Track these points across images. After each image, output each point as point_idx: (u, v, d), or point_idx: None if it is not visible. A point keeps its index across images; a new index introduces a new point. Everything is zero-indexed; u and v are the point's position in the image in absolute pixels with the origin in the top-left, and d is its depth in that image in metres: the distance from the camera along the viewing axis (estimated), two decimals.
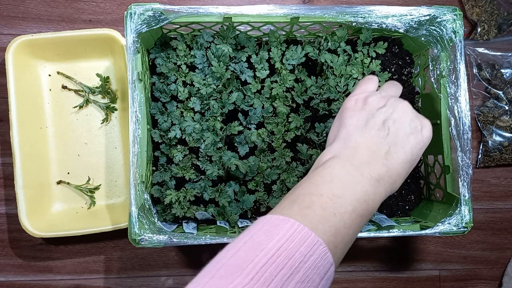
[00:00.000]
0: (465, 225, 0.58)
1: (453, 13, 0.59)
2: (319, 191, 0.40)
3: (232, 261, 0.33)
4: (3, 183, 0.73)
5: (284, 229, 0.36)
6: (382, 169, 0.43)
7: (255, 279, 0.32)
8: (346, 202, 0.39)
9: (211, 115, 0.62)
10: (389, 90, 0.51)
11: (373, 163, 0.43)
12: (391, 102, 0.47)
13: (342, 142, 0.45)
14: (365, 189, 0.41)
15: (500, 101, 0.78)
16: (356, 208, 0.40)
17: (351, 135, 0.45)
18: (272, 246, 0.34)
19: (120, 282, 0.74)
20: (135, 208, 0.55)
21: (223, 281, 0.32)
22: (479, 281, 0.79)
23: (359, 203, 0.40)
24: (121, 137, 0.73)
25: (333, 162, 0.43)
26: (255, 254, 0.33)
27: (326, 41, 0.64)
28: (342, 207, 0.39)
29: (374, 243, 0.77)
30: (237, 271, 0.32)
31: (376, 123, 0.45)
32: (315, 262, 0.35)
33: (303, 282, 0.34)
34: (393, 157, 0.44)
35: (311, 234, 0.36)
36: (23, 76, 0.69)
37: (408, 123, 0.46)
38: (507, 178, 0.79)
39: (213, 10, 0.57)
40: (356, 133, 0.45)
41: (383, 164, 0.43)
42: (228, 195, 0.62)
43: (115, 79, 0.74)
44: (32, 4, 0.74)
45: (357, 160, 0.43)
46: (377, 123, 0.45)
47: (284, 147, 0.64)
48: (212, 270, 0.33)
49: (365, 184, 0.41)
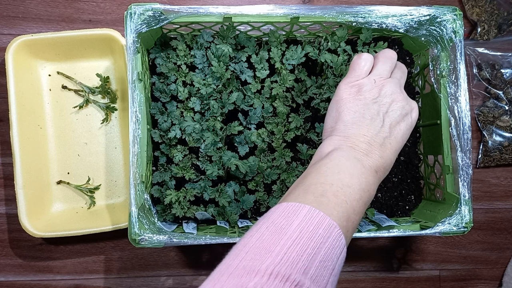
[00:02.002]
0: (465, 225, 0.58)
1: (453, 13, 0.59)
2: (330, 181, 0.43)
3: (258, 244, 0.36)
4: (3, 183, 0.73)
5: (302, 214, 0.39)
6: (379, 161, 0.46)
7: (284, 259, 0.35)
8: (354, 191, 0.43)
9: (211, 115, 0.62)
10: (382, 69, 0.51)
11: (371, 155, 0.46)
12: (384, 91, 0.49)
13: (342, 136, 0.48)
14: (367, 179, 0.44)
15: (500, 101, 0.78)
16: (362, 197, 0.43)
17: (349, 129, 0.48)
18: (294, 230, 0.37)
19: (120, 282, 0.74)
20: (135, 208, 0.55)
21: (255, 262, 0.34)
22: (479, 281, 0.79)
23: (364, 192, 0.44)
24: (121, 137, 0.73)
25: (338, 154, 0.46)
26: (279, 237, 0.36)
27: (326, 41, 0.64)
28: (351, 195, 0.42)
29: (374, 243, 0.77)
30: (266, 253, 0.35)
31: (371, 116, 0.48)
32: (333, 243, 0.38)
33: (325, 261, 0.37)
34: (388, 147, 0.47)
35: (327, 218, 0.39)
36: (23, 76, 0.69)
37: (400, 111, 0.49)
38: (507, 178, 0.79)
39: (213, 10, 0.57)
40: (354, 126, 0.48)
41: (380, 156, 0.46)
42: (228, 195, 0.62)
43: (115, 79, 0.74)
44: (32, 4, 0.74)
45: (358, 152, 0.46)
46: (372, 116, 0.48)
47: (284, 147, 0.64)
48: (241, 253, 0.36)
49: (368, 175, 0.45)
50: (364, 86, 0.49)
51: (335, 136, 0.48)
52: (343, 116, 0.48)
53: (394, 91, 0.49)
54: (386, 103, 0.49)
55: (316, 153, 0.49)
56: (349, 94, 0.49)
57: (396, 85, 0.50)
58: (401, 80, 0.52)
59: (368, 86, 0.49)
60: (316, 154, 0.49)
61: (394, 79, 0.51)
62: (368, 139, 0.47)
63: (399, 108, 0.49)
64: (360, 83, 0.50)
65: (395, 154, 0.48)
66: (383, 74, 0.51)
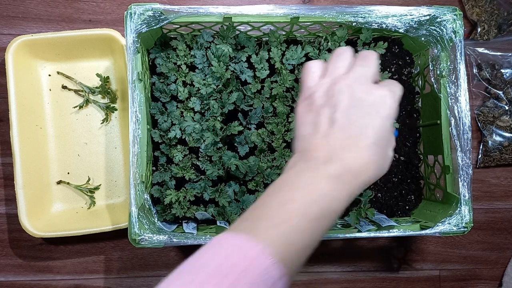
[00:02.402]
0: (465, 225, 0.58)
1: (453, 13, 0.59)
2: (268, 201, 0.39)
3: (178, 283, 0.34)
4: (3, 183, 0.73)
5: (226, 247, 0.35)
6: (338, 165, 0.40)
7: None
8: (297, 205, 0.38)
9: (211, 115, 0.62)
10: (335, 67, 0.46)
11: (331, 161, 0.40)
12: (337, 89, 0.43)
13: (299, 152, 0.43)
14: (318, 188, 0.39)
15: (500, 101, 0.78)
16: (309, 211, 0.38)
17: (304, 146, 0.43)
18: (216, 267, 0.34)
19: (120, 282, 0.74)
20: (135, 208, 0.55)
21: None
22: (479, 281, 0.79)
23: (312, 204, 0.38)
24: (121, 137, 0.73)
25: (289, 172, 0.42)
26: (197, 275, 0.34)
27: (326, 41, 0.64)
28: (292, 211, 0.37)
29: (374, 243, 0.77)
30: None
31: (323, 123, 0.42)
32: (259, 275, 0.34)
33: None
34: (351, 149, 0.41)
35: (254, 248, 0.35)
36: (23, 76, 0.69)
37: (360, 105, 0.42)
38: (507, 178, 0.79)
39: (213, 10, 0.57)
40: (308, 141, 0.43)
41: (340, 160, 0.40)
42: (228, 195, 0.62)
43: (115, 79, 0.74)
44: (32, 4, 0.74)
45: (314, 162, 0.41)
46: (324, 122, 0.42)
47: (284, 147, 0.64)
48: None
49: (319, 184, 0.39)
50: (314, 94, 0.44)
51: (293, 156, 0.44)
52: (298, 132, 0.45)
53: (350, 85, 0.43)
54: (340, 101, 0.42)
55: None
56: (302, 108, 0.45)
57: (354, 78, 0.43)
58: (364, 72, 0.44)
59: (319, 92, 0.44)
60: None
61: (350, 73, 0.44)
62: (323, 148, 0.41)
63: (359, 101, 0.42)
64: (310, 93, 0.45)
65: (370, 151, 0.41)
66: (336, 73, 0.45)
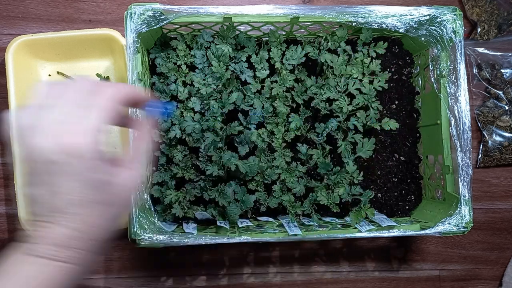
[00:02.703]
0: (465, 225, 0.58)
1: (453, 13, 0.59)
2: None
3: None
4: (3, 183, 0.73)
5: None
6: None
7: None
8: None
9: (211, 115, 0.62)
10: None
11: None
12: None
13: None
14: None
15: (500, 101, 0.78)
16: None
17: None
18: None
19: (120, 282, 0.74)
20: (135, 208, 0.55)
21: None
22: (479, 281, 0.79)
23: None
24: (120, 137, 0.73)
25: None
26: None
27: (326, 41, 0.64)
28: None
29: (374, 243, 0.77)
30: None
31: None
32: None
33: None
34: None
35: None
36: (23, 76, 0.69)
37: None
38: (507, 178, 0.79)
39: (213, 10, 0.57)
40: None
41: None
42: (228, 195, 0.62)
43: (115, 79, 0.74)
44: (32, 4, 0.74)
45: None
46: None
47: (284, 147, 0.64)
48: None
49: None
50: None
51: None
52: None
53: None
54: None
55: None
56: None
57: None
58: None
59: None
60: None
61: None
62: None
63: None
64: None
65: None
66: None
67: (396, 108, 0.70)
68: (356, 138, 0.64)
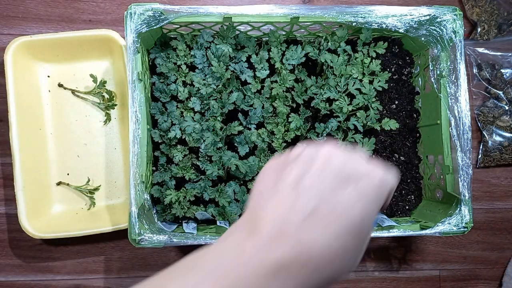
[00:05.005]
0: (465, 225, 0.58)
1: (453, 13, 0.59)
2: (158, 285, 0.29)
3: None
4: (3, 183, 0.73)
5: None
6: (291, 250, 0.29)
7: None
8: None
9: (211, 115, 0.62)
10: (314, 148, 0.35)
11: (277, 242, 0.29)
12: (308, 152, 0.34)
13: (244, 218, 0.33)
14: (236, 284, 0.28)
15: (500, 101, 0.78)
16: None
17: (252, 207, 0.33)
18: None
19: (120, 282, 0.74)
20: (135, 208, 0.55)
21: None
22: (479, 281, 0.79)
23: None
24: (120, 137, 0.73)
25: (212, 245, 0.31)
26: None
27: (326, 41, 0.64)
28: None
29: (374, 243, 0.77)
30: None
31: (285, 184, 0.32)
32: None
33: None
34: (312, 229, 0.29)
35: None
36: (22, 77, 0.69)
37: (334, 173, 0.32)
38: (507, 178, 0.79)
39: (213, 10, 0.57)
40: (259, 202, 0.32)
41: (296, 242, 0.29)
42: (228, 195, 0.62)
43: (114, 79, 0.74)
44: (32, 4, 0.74)
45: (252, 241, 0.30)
46: (287, 183, 0.32)
47: (284, 147, 0.64)
48: None
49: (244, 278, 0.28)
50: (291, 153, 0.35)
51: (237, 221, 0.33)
52: (252, 191, 0.35)
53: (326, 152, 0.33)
54: (310, 164, 0.32)
55: None
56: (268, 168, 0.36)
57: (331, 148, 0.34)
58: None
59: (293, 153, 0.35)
60: None
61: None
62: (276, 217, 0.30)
63: (333, 169, 0.32)
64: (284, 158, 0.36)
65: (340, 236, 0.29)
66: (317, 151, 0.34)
67: (396, 108, 0.70)
68: (356, 138, 0.64)
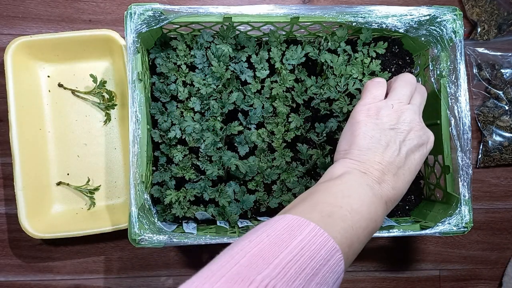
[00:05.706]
0: (465, 225, 0.58)
1: (453, 13, 0.59)
2: (339, 203, 0.41)
3: (257, 251, 0.34)
4: (3, 183, 0.73)
5: (306, 231, 0.37)
6: (390, 192, 0.45)
7: (281, 273, 0.33)
8: (362, 218, 0.41)
9: (211, 115, 0.62)
10: (402, 93, 0.49)
11: (383, 184, 0.44)
12: (403, 118, 0.47)
13: (356, 160, 0.46)
14: (377, 209, 0.43)
15: (500, 101, 0.78)
16: (368, 226, 0.41)
17: (364, 154, 0.46)
18: (296, 245, 0.35)
19: (120, 282, 0.74)
20: (135, 208, 0.55)
21: (250, 270, 0.32)
22: (479, 281, 0.79)
23: (371, 222, 0.42)
24: (120, 137, 0.73)
25: (350, 177, 0.44)
26: (280, 250, 0.34)
27: (326, 41, 0.64)
28: (358, 222, 0.40)
29: (374, 243, 0.77)
30: (263, 263, 0.33)
31: (387, 143, 0.46)
32: (332, 267, 0.36)
33: (321, 284, 0.35)
34: (400, 178, 0.45)
35: (331, 240, 0.37)
36: (22, 77, 0.69)
37: (417, 140, 0.47)
38: (507, 178, 0.79)
39: (213, 10, 0.57)
40: (369, 152, 0.46)
41: (392, 187, 0.45)
42: (228, 195, 0.62)
43: (114, 79, 0.74)
44: (32, 4, 0.74)
45: (371, 180, 0.44)
46: (388, 143, 0.46)
47: (284, 147, 0.64)
48: (236, 257, 0.34)
49: (378, 205, 0.43)
50: (381, 110, 0.47)
51: (348, 159, 0.46)
52: (358, 140, 0.47)
53: (413, 119, 0.47)
54: (404, 131, 0.47)
55: (326, 172, 0.48)
56: (365, 117, 0.47)
57: (416, 112, 0.48)
58: (420, 107, 0.50)
59: (386, 110, 0.47)
60: (326, 174, 0.47)
61: (413, 105, 0.49)
62: (382, 167, 0.45)
63: (416, 138, 0.47)
64: (377, 105, 0.48)
65: (407, 185, 0.46)
66: (403, 99, 0.48)
67: None
68: None
